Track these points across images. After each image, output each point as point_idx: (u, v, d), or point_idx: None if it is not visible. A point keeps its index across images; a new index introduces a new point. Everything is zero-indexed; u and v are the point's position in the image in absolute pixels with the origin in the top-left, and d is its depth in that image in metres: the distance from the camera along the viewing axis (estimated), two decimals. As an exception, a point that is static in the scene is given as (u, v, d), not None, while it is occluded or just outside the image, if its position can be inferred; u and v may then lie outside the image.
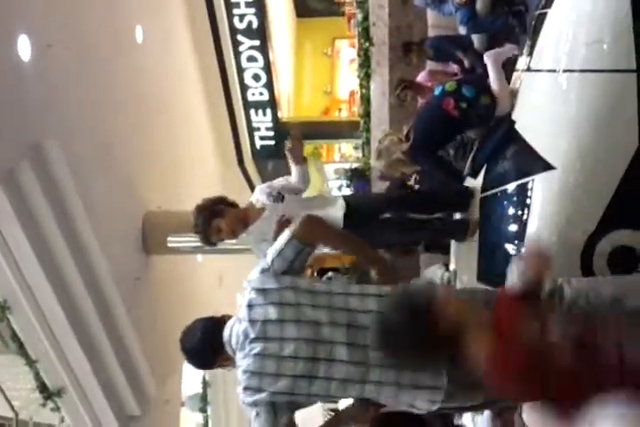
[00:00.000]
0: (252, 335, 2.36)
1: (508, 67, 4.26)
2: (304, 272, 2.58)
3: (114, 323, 7.52)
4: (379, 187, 7.45)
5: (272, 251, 2.49)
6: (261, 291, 2.41)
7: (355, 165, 8.92)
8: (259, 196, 4.16)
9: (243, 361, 2.40)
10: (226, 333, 2.47)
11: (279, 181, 4.22)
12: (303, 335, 2.34)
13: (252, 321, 2.37)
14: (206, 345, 2.53)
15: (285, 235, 2.49)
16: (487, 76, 4.38)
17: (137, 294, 8.01)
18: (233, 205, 4.06)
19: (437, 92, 4.46)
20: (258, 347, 2.35)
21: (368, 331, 2.32)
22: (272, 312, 2.36)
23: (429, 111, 4.62)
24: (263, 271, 2.46)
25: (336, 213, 4.08)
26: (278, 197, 4.07)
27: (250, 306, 2.40)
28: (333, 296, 2.42)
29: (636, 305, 2.43)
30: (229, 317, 2.57)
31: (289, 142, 4.29)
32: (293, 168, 4.20)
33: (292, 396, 2.38)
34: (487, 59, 4.41)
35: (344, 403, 2.78)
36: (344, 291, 2.45)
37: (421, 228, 4.39)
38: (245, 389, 2.39)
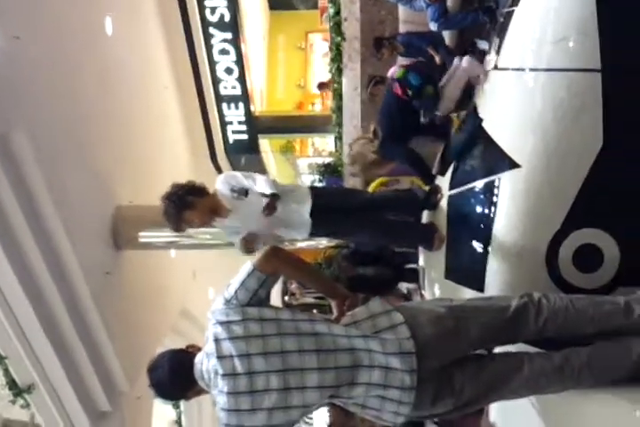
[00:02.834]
0: (221, 372, 2.35)
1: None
2: (269, 300, 2.52)
3: (84, 319, 7.45)
4: (350, 183, 7.49)
5: (235, 282, 2.45)
6: (225, 324, 2.39)
7: (327, 161, 8.92)
8: (221, 186, 4.10)
9: (218, 398, 2.38)
10: (197, 369, 2.45)
11: (246, 180, 4.11)
12: (272, 367, 2.34)
13: (219, 357, 2.36)
14: (177, 380, 2.50)
15: (247, 266, 2.46)
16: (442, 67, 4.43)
17: (108, 289, 7.92)
18: (202, 192, 4.03)
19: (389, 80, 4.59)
20: (228, 384, 2.34)
21: (338, 353, 2.36)
22: (238, 347, 2.35)
23: (385, 101, 4.74)
24: (227, 302, 2.43)
25: (303, 209, 4.08)
26: (242, 191, 4.01)
27: (216, 340, 2.38)
28: (299, 322, 2.42)
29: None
30: (197, 348, 2.55)
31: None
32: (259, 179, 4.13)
33: (273, 426, 2.39)
34: (465, 62, 4.43)
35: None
36: (309, 317, 2.47)
37: (389, 228, 4.42)
38: (226, 425, 2.39)
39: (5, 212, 6.23)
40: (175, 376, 2.49)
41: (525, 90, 3.30)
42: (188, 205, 3.91)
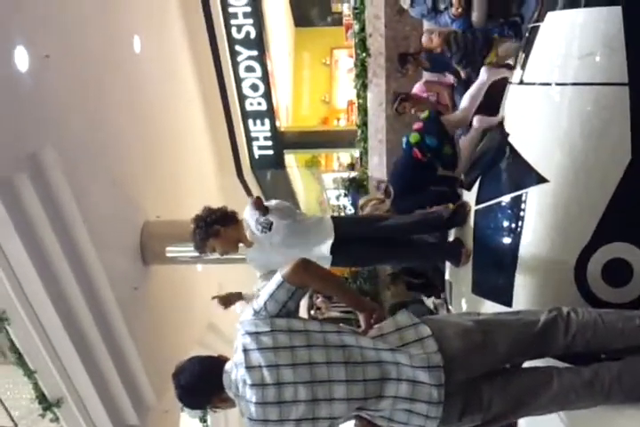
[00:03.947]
0: (250, 382, 2.36)
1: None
2: (298, 312, 2.54)
3: (112, 333, 7.53)
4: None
5: (264, 294, 2.47)
6: (254, 334, 2.40)
7: (352, 175, 8.94)
8: (247, 217, 4.15)
9: (245, 408, 2.40)
10: (225, 378, 2.45)
11: (272, 204, 4.15)
12: (300, 379, 2.34)
13: (248, 368, 2.37)
14: (204, 384, 2.50)
15: (277, 278, 2.47)
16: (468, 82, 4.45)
17: (135, 303, 8.01)
18: (231, 220, 4.10)
19: (404, 144, 4.65)
20: (257, 394, 2.35)
21: (366, 365, 2.36)
22: (267, 357, 2.36)
23: (402, 163, 4.83)
24: (256, 314, 2.45)
25: (324, 245, 4.09)
26: (267, 224, 4.04)
27: (245, 351, 2.39)
28: (327, 334, 2.43)
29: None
30: (225, 359, 2.55)
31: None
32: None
33: None
34: (475, 122, 4.48)
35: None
36: (337, 329, 2.48)
37: (411, 252, 4.42)
38: None
39: (36, 229, 6.35)
40: (203, 379, 2.50)
41: (552, 104, 3.29)
42: (213, 233, 4.03)
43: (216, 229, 4.01)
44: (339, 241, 4.09)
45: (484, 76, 4.67)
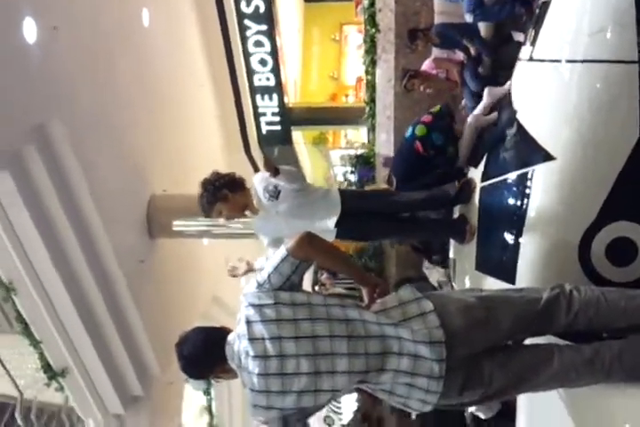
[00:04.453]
0: (252, 353, 2.38)
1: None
2: (301, 285, 2.55)
3: (118, 305, 7.59)
4: (382, 174, 7.49)
5: (268, 266, 2.49)
6: (258, 307, 2.42)
7: (360, 152, 8.91)
8: (257, 185, 4.18)
9: (247, 379, 2.42)
10: (228, 348, 2.48)
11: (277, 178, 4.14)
12: (302, 351, 2.36)
13: (251, 339, 2.39)
14: (207, 354, 2.52)
15: (281, 251, 2.49)
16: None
17: (141, 276, 8.06)
18: (239, 186, 4.11)
19: (408, 134, 4.60)
20: (259, 365, 2.37)
21: (368, 339, 2.38)
22: (270, 329, 2.37)
23: (402, 153, 4.80)
24: (259, 286, 2.47)
25: (329, 219, 4.10)
26: (274, 193, 4.06)
27: (248, 322, 2.41)
28: (331, 308, 2.44)
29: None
30: (228, 330, 2.57)
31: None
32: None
33: (301, 409, 2.43)
34: (470, 118, 4.44)
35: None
36: (341, 303, 2.49)
37: (416, 227, 4.42)
38: (255, 406, 2.42)
39: (43, 201, 6.37)
40: (207, 349, 2.52)
41: (561, 81, 3.26)
42: (221, 197, 4.01)
43: (224, 194, 4.01)
44: (344, 214, 4.11)
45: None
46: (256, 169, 13.36)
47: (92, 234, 7.02)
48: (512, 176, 3.45)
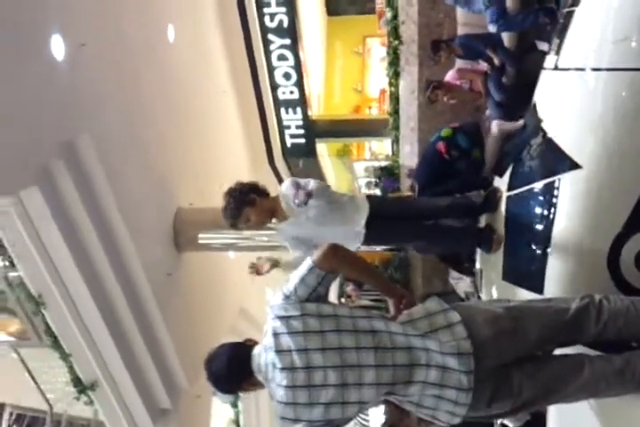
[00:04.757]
0: (280, 365, 2.39)
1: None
2: (327, 297, 2.57)
3: (146, 318, 7.63)
4: (406, 185, 7.49)
5: (294, 278, 2.50)
6: (284, 318, 2.43)
7: (384, 164, 8.92)
8: (285, 191, 4.17)
9: (275, 392, 2.42)
10: (254, 361, 2.49)
11: (310, 184, 4.15)
12: (330, 363, 2.36)
13: (278, 351, 2.40)
14: (234, 370, 2.54)
15: (307, 262, 2.50)
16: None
17: (169, 289, 8.10)
18: (264, 193, 4.13)
19: (433, 138, 4.61)
20: (287, 378, 2.37)
21: (395, 351, 2.38)
22: (296, 341, 2.38)
23: (425, 158, 4.82)
24: (286, 298, 2.48)
25: (359, 219, 4.11)
26: (304, 200, 4.04)
27: (275, 334, 2.42)
28: (357, 319, 2.44)
29: None
30: (254, 342, 2.59)
31: None
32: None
33: (329, 421, 2.43)
34: (494, 126, 4.43)
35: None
36: (367, 314, 2.49)
37: (440, 235, 4.42)
38: (282, 418, 2.43)
39: (72, 215, 6.44)
40: (232, 366, 2.53)
41: (586, 90, 3.26)
42: (249, 201, 4.02)
43: (252, 198, 4.02)
44: (371, 216, 4.12)
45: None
46: (280, 181, 13.42)
47: (120, 247, 7.07)
48: (538, 185, 3.44)
